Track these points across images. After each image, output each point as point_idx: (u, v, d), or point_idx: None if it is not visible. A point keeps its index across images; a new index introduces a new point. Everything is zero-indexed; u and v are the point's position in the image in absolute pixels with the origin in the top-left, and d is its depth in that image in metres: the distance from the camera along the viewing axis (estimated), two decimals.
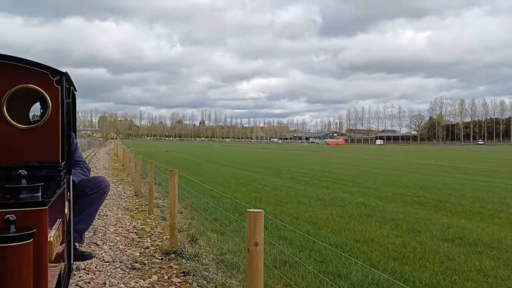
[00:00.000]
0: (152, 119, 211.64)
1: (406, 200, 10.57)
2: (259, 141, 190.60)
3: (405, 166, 26.95)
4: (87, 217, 3.32)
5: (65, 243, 2.72)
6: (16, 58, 2.62)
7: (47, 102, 2.64)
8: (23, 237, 1.69)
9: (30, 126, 2.67)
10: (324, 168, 22.75)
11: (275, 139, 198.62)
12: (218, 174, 18.04)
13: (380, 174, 19.56)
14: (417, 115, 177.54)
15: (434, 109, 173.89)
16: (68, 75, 2.82)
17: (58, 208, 2.41)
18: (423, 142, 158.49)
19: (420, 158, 38.94)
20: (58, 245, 2.27)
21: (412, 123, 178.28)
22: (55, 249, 2.10)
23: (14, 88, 2.57)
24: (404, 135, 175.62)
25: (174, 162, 26.01)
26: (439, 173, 20.70)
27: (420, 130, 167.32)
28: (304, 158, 36.50)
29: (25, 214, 1.84)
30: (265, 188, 12.76)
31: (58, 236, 2.27)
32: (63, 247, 2.61)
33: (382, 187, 13.59)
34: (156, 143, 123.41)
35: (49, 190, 2.26)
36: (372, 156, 43.60)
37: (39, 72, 2.64)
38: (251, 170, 20.81)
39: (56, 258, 2.19)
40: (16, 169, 2.26)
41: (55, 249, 2.08)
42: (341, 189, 12.80)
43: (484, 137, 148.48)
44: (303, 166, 24.81)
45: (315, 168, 22.61)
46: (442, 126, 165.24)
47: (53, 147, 2.67)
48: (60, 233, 2.37)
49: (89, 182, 3.34)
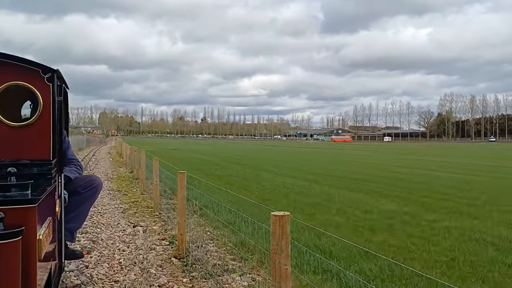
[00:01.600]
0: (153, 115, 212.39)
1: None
2: (263, 138, 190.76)
3: (459, 167, 22.53)
4: (79, 216, 3.36)
5: (56, 241, 2.76)
6: (6, 55, 2.65)
7: (38, 99, 2.67)
8: (11, 235, 1.73)
9: (21, 123, 2.70)
10: (376, 172, 18.43)
11: (278, 136, 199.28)
12: (260, 182, 13.67)
13: (467, 180, 15.41)
14: (426, 111, 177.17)
15: (444, 105, 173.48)
16: (59, 72, 2.85)
17: (49, 206, 2.45)
18: (433, 139, 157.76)
19: (454, 157, 35.21)
20: (48, 244, 2.30)
21: (421, 120, 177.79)
22: (45, 247, 2.13)
23: (4, 85, 2.60)
24: (413, 132, 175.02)
25: (193, 164, 21.82)
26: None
27: (430, 127, 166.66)
28: (332, 157, 33.28)
29: (14, 211, 1.87)
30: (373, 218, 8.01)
31: (48, 234, 2.29)
32: (54, 246, 2.65)
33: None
34: (158, 140, 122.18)
35: (39, 188, 2.29)
36: (401, 156, 38.85)
37: (30, 69, 2.67)
38: (288, 174, 16.80)
39: (46, 257, 2.22)
40: (6, 166, 2.31)
41: (44, 247, 2.10)
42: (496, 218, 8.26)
43: (496, 134, 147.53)
44: (350, 169, 20.22)
45: (371, 173, 18.15)
46: (452, 122, 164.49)
47: (44, 145, 2.70)
48: (51, 231, 2.40)
49: (81, 180, 3.37)
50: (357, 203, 9.67)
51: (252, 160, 27.84)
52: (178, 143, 79.32)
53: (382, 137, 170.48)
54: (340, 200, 10.15)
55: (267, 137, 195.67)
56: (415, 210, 9.06)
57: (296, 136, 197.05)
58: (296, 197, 10.56)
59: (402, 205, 9.59)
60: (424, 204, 9.90)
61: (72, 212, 3.25)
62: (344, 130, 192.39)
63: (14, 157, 2.62)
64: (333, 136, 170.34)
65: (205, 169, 18.52)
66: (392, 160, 30.92)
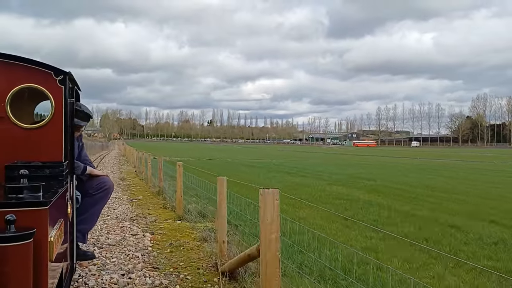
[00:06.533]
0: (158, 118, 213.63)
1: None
2: (276, 142, 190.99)
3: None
4: (91, 217, 3.57)
5: (68, 242, 2.91)
6: (20, 58, 2.83)
7: (50, 101, 2.85)
8: (22, 237, 1.87)
9: (33, 125, 2.89)
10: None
11: (287, 139, 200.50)
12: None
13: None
14: (457, 114, 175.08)
15: (477, 107, 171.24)
16: (71, 74, 3.02)
17: (60, 208, 2.60)
18: (466, 144, 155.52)
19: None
20: (60, 245, 2.45)
21: (452, 124, 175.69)
22: (56, 249, 2.27)
23: (17, 87, 2.79)
24: (443, 136, 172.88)
25: (325, 199, 11.88)
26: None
27: (462, 132, 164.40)
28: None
29: (26, 214, 2.01)
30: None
31: (60, 235, 2.44)
32: (65, 247, 2.80)
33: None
34: (166, 144, 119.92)
35: (51, 190, 2.44)
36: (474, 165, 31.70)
37: (42, 72, 2.85)
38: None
39: (58, 258, 2.37)
40: (18, 168, 2.47)
41: (55, 249, 2.25)
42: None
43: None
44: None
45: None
46: (486, 126, 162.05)
47: (56, 147, 2.88)
48: (62, 232, 2.55)
49: (93, 182, 3.58)
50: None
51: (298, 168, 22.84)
52: (195, 149, 75.81)
53: (408, 142, 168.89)
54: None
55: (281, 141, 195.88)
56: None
57: (307, 140, 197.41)
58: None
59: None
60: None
61: (84, 214, 3.45)
62: (359, 134, 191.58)
63: (26, 159, 2.79)
64: (355, 141, 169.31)
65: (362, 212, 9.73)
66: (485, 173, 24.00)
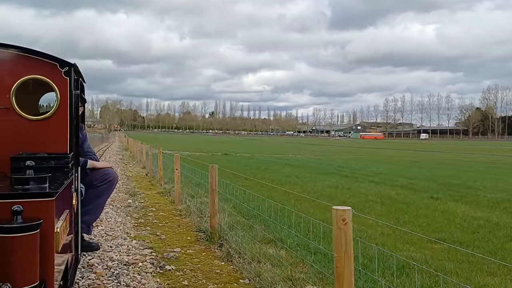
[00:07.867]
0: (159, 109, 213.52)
1: None
2: (280, 134, 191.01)
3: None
4: (95, 209, 3.65)
5: (73, 233, 2.99)
6: (25, 49, 2.89)
7: (55, 93, 2.91)
8: (29, 228, 1.93)
9: (38, 117, 2.95)
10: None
11: (290, 132, 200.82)
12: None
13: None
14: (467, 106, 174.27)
15: (487, 98, 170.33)
16: (76, 66, 3.08)
17: (66, 199, 2.66)
18: (476, 137, 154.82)
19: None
20: (66, 236, 2.52)
21: (462, 115, 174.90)
22: (62, 239, 2.34)
23: (22, 79, 2.84)
24: (452, 129, 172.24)
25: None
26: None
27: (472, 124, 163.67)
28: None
29: (32, 205, 2.06)
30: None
31: (65, 227, 2.51)
32: (71, 238, 2.88)
33: None
34: (168, 136, 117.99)
35: (57, 181, 2.50)
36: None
37: (47, 63, 2.91)
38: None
39: (63, 249, 2.44)
40: (24, 159, 2.52)
41: (62, 240, 2.31)
42: None
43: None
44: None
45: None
46: (497, 118, 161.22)
47: (61, 138, 2.95)
48: (68, 224, 2.62)
49: (97, 174, 3.66)
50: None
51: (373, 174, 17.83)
52: (200, 141, 73.70)
53: (417, 134, 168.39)
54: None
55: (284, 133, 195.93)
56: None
57: (311, 132, 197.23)
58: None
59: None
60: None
61: (88, 205, 3.53)
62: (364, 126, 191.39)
63: (32, 150, 2.86)
64: (362, 133, 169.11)
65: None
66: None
